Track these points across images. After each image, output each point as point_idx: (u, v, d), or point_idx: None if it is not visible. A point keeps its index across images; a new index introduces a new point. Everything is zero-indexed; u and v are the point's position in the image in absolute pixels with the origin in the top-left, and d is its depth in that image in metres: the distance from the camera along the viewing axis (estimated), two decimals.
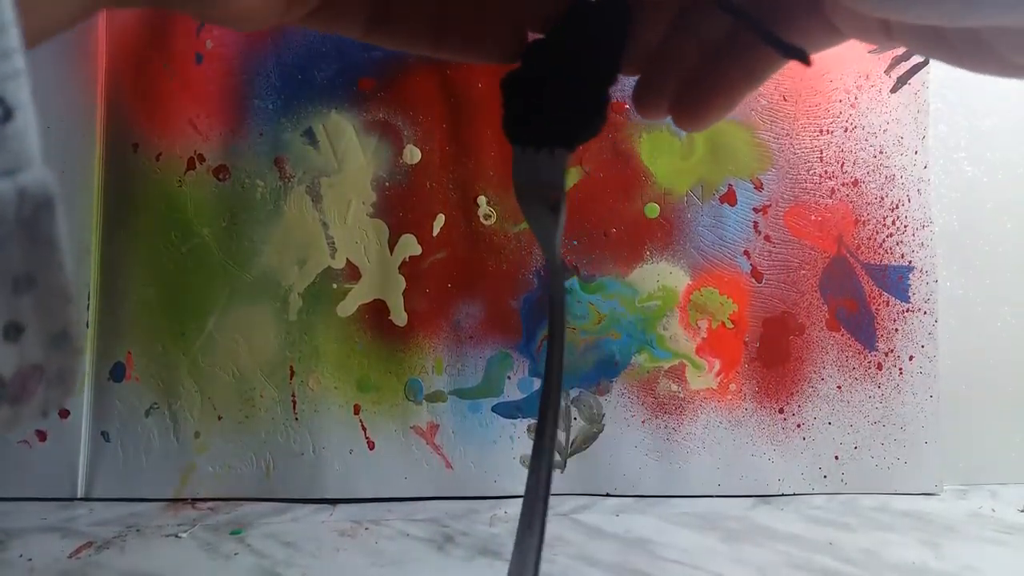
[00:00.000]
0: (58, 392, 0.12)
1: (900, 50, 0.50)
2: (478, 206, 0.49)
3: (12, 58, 0.09)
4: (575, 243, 0.49)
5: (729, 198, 0.50)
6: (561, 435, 0.48)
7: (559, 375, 0.21)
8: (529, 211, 0.22)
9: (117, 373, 0.48)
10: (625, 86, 0.50)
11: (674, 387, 0.49)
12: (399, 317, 0.48)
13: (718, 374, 0.49)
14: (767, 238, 0.50)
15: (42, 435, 0.47)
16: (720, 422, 0.49)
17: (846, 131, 0.50)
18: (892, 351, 0.49)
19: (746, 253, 0.50)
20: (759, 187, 0.50)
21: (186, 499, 0.47)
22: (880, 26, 0.20)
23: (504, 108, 0.21)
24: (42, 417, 0.12)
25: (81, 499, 0.46)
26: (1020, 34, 0.17)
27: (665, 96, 0.22)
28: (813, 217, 0.50)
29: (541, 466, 0.20)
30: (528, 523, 0.20)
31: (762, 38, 0.20)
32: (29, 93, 0.10)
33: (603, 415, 0.49)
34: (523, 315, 0.49)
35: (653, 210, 0.49)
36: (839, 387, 0.49)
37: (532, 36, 0.22)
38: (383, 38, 0.21)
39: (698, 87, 0.22)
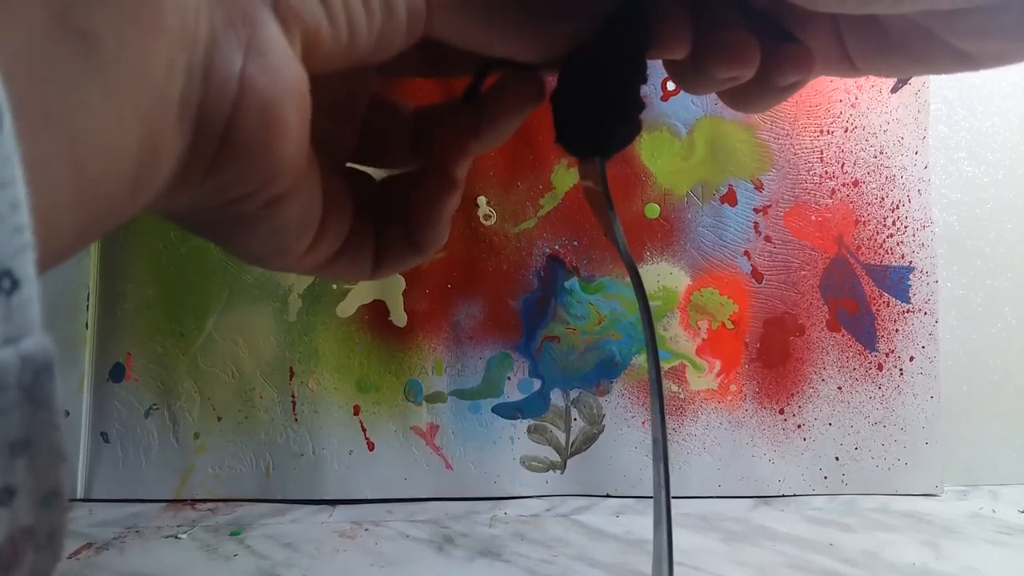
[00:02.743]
0: (47, 555, 0.12)
1: None
2: (478, 206, 0.49)
3: (23, 234, 0.10)
4: (575, 243, 0.49)
5: (729, 198, 0.50)
6: (561, 436, 0.48)
7: (658, 372, 0.22)
8: (593, 211, 0.24)
9: (116, 373, 0.48)
10: None
11: (674, 388, 0.49)
12: (399, 317, 0.48)
13: (718, 375, 0.49)
14: (767, 239, 0.50)
15: None
16: (720, 423, 0.49)
17: (846, 131, 0.50)
18: (892, 352, 0.49)
19: (746, 254, 0.49)
20: (759, 187, 0.50)
21: (186, 500, 0.47)
22: (842, 56, 0.21)
23: (553, 120, 0.22)
24: None
25: (80, 500, 0.46)
26: (954, 16, 0.18)
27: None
28: (813, 217, 0.50)
29: (659, 464, 0.22)
30: (657, 520, 0.22)
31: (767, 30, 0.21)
32: (33, 265, 0.10)
33: (603, 416, 0.49)
34: (523, 315, 0.49)
35: (653, 210, 0.49)
36: (839, 388, 0.49)
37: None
38: (441, 70, 0.23)
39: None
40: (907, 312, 0.50)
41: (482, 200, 0.49)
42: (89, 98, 0.12)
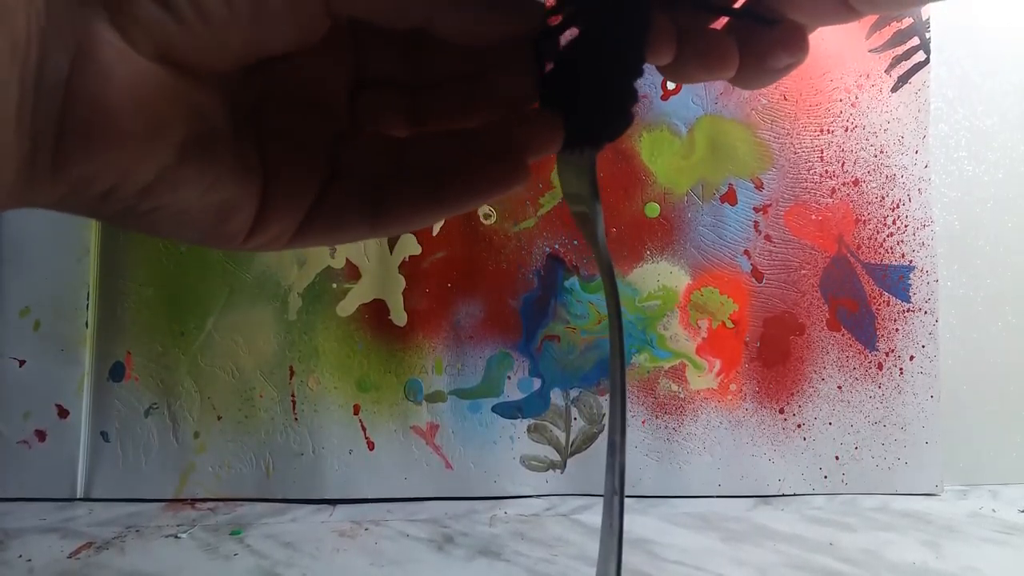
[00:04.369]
0: None
1: (901, 49, 0.50)
2: None
3: None
4: (575, 242, 0.49)
5: (729, 198, 0.49)
6: (561, 435, 0.48)
7: (622, 371, 0.22)
8: (571, 209, 0.23)
9: (116, 373, 0.48)
10: None
11: (674, 387, 0.49)
12: (399, 317, 0.48)
13: (718, 374, 0.49)
14: (767, 238, 0.49)
15: (41, 435, 0.47)
16: (720, 422, 0.49)
17: (847, 130, 0.50)
18: (893, 351, 0.49)
19: (746, 253, 0.49)
20: (759, 186, 0.50)
21: (186, 499, 0.47)
22: (839, 3, 0.20)
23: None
24: None
25: (80, 499, 0.46)
26: None
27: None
28: (814, 217, 0.50)
29: (615, 464, 0.21)
30: (608, 523, 0.21)
31: (739, 16, 0.21)
32: None
33: (603, 415, 0.49)
34: (523, 314, 0.49)
35: (653, 209, 0.49)
36: (839, 387, 0.49)
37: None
38: (391, 228, 0.23)
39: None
40: (907, 311, 0.50)
41: None
42: None
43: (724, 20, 0.22)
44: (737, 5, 0.22)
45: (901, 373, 0.49)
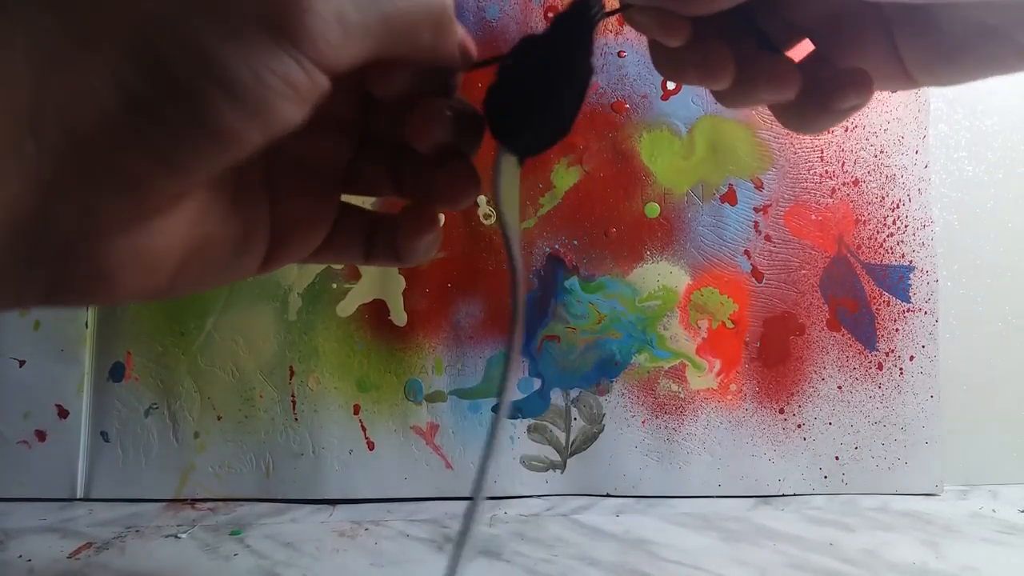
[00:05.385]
0: None
1: None
2: (478, 206, 0.49)
3: None
4: (575, 243, 0.49)
5: (729, 198, 0.49)
6: (561, 435, 0.48)
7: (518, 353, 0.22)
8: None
9: (116, 373, 0.48)
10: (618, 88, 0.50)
11: (674, 387, 0.49)
12: (399, 317, 0.48)
13: (718, 374, 0.49)
14: (767, 238, 0.49)
15: (41, 435, 0.47)
16: (720, 422, 0.49)
17: (847, 130, 0.50)
18: (893, 351, 0.49)
19: (746, 253, 0.49)
20: (759, 187, 0.50)
21: (185, 499, 0.47)
22: (899, 70, 0.20)
23: (486, 110, 0.22)
24: None
25: (80, 499, 0.46)
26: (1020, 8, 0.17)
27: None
28: (814, 217, 0.50)
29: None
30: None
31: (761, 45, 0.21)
32: None
33: (603, 415, 0.49)
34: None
35: (653, 210, 0.49)
36: (839, 387, 0.49)
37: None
38: (377, 264, 0.26)
39: None
40: (907, 311, 0.50)
41: (482, 199, 0.49)
42: None
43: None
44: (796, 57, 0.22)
45: (901, 373, 0.49)
